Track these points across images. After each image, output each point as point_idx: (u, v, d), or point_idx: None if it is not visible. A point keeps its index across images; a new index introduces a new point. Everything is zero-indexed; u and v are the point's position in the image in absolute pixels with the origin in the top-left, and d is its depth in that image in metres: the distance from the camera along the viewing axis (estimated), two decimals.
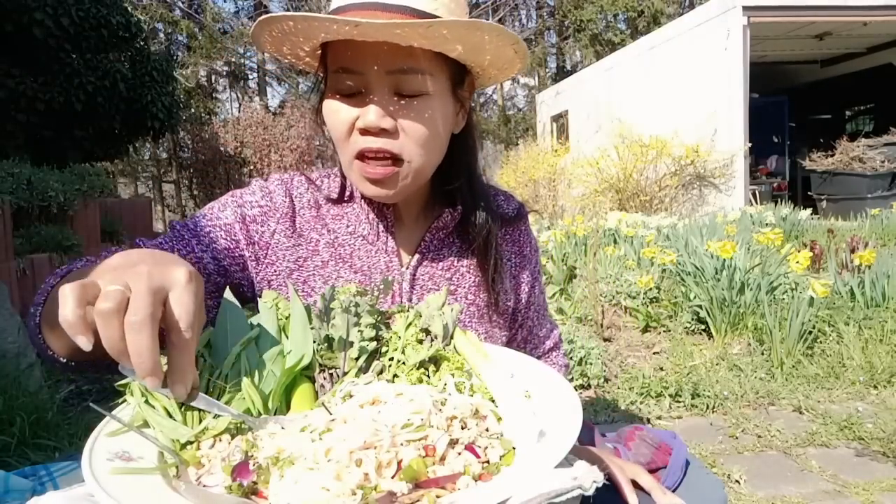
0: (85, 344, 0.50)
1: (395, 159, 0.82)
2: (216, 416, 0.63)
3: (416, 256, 0.94)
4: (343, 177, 0.97)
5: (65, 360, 0.72)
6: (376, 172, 0.82)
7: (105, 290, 0.51)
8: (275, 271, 0.91)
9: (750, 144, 8.40)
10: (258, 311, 0.74)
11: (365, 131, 0.80)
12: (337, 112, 0.82)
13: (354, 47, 0.78)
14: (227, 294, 0.74)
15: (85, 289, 0.51)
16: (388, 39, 0.74)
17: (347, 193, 0.96)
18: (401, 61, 0.78)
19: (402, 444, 0.55)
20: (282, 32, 0.79)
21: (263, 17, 0.76)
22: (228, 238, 0.89)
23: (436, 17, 0.78)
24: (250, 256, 0.90)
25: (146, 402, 0.64)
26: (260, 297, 0.93)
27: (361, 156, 0.82)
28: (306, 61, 0.90)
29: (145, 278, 0.53)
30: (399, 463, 0.54)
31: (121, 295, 0.51)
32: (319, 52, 0.86)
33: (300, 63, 0.90)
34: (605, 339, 3.47)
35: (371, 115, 0.79)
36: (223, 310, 0.72)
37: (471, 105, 0.93)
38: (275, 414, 0.66)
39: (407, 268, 0.94)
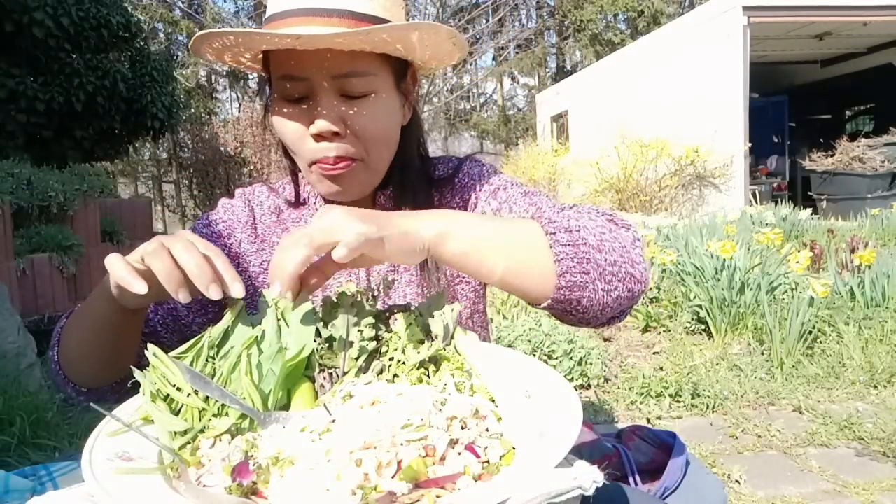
0: (141, 287, 0.62)
1: (352, 159, 0.84)
2: (222, 410, 0.63)
3: None
4: (296, 182, 1.00)
5: (86, 390, 0.83)
6: (335, 169, 0.83)
7: (144, 245, 0.64)
8: (247, 278, 0.95)
9: (750, 144, 8.41)
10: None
11: (318, 137, 0.82)
12: (286, 120, 0.84)
13: (297, 55, 0.79)
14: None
15: (125, 257, 0.64)
16: (329, 47, 0.76)
17: (303, 197, 1.00)
18: (344, 66, 0.79)
19: (402, 445, 0.55)
20: (223, 45, 0.81)
21: (202, 32, 0.77)
22: None
23: (374, 17, 0.79)
24: None
25: (151, 399, 0.64)
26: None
27: (317, 161, 0.84)
28: (248, 66, 0.91)
29: (167, 236, 0.66)
30: (399, 463, 0.54)
31: (158, 242, 0.64)
32: (261, 56, 0.87)
33: (242, 67, 0.92)
34: (605, 339, 3.47)
35: (322, 121, 0.80)
36: (233, 313, 0.73)
37: (415, 96, 0.95)
38: (275, 410, 0.66)
39: None
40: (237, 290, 0.66)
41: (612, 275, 0.72)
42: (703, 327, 3.47)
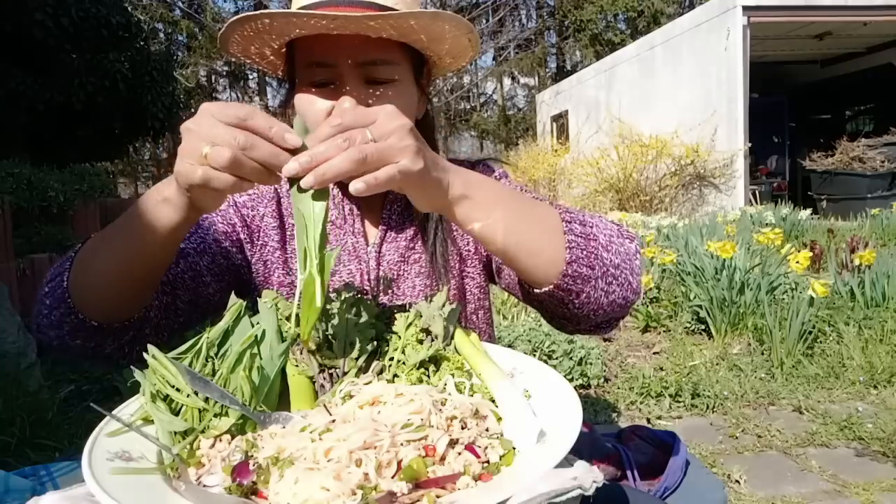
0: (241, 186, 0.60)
1: None
2: (222, 411, 0.63)
3: (380, 234, 0.98)
4: None
5: (96, 324, 0.75)
6: None
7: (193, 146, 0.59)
8: (268, 250, 0.97)
9: (750, 144, 8.40)
10: (254, 302, 0.75)
11: None
12: (312, 103, 0.86)
13: (326, 41, 0.81)
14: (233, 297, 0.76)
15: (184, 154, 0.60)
16: (361, 31, 0.78)
17: None
18: (371, 53, 0.83)
19: (402, 444, 0.55)
20: (254, 31, 0.81)
21: (239, 16, 0.77)
22: (225, 223, 0.95)
23: (395, 10, 0.82)
24: (245, 238, 0.97)
25: (151, 399, 0.64)
26: (257, 277, 0.96)
27: None
28: (269, 60, 0.91)
29: (199, 129, 0.60)
30: (399, 463, 0.54)
31: (214, 148, 0.58)
32: (284, 49, 0.89)
33: (262, 63, 0.92)
34: (605, 339, 3.47)
35: (346, 104, 0.82)
36: (233, 313, 0.73)
37: (428, 93, 0.98)
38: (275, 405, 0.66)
39: (372, 246, 0.97)
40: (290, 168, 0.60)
41: (614, 277, 0.74)
42: (703, 327, 3.47)
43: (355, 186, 0.59)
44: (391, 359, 0.72)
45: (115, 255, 0.72)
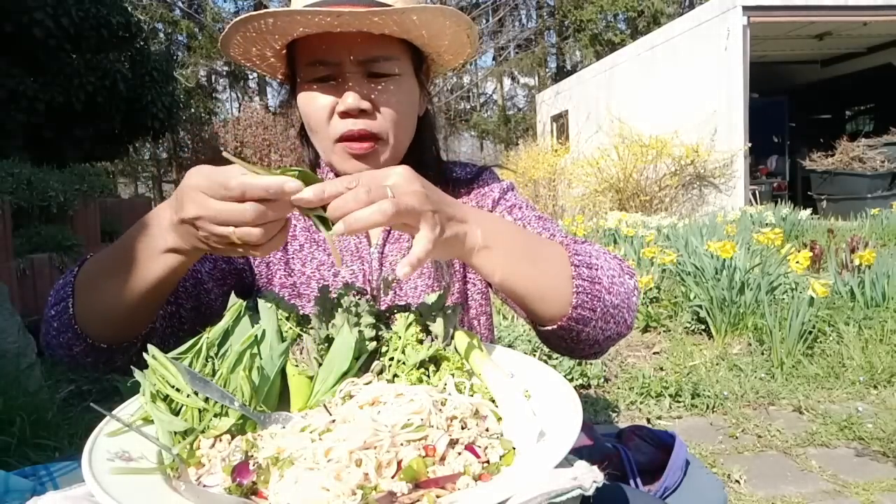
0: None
1: (376, 139, 0.87)
2: (222, 411, 0.63)
3: (383, 235, 0.97)
4: (312, 169, 1.01)
5: (105, 346, 0.76)
6: (361, 147, 0.86)
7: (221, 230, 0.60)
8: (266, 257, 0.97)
9: (750, 144, 8.40)
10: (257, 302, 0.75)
11: (345, 114, 0.85)
12: (315, 99, 0.86)
13: (328, 39, 0.82)
14: (233, 297, 0.76)
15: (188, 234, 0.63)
16: (364, 28, 0.79)
17: None
18: (373, 50, 0.84)
19: (402, 445, 0.55)
20: (257, 32, 0.81)
21: (242, 16, 0.77)
22: None
23: (391, 7, 0.82)
24: None
25: (151, 399, 0.64)
26: (259, 279, 0.96)
27: (343, 138, 0.86)
28: (270, 62, 0.91)
29: (207, 205, 0.60)
30: (399, 463, 0.54)
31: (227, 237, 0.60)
32: (284, 52, 0.89)
33: (262, 66, 0.92)
34: None
35: (350, 98, 0.83)
36: (233, 313, 0.73)
37: (428, 91, 0.99)
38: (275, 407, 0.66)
39: (375, 247, 0.97)
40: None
41: (612, 317, 0.77)
42: (703, 327, 3.47)
43: (403, 270, 0.59)
44: (391, 359, 0.72)
45: (119, 292, 0.72)
